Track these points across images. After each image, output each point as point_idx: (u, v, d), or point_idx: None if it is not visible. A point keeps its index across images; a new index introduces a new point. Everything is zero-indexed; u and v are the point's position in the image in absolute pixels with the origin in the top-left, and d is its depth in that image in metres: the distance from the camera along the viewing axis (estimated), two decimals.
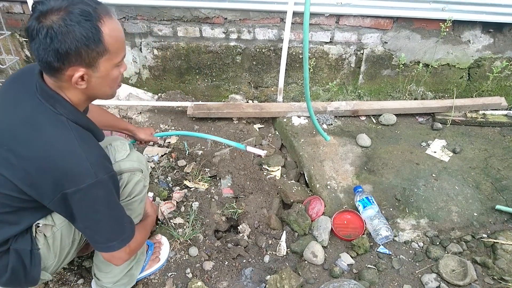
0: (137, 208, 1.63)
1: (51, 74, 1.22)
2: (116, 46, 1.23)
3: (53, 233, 1.41)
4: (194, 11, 2.82)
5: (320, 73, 3.12)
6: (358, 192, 2.19)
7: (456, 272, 1.85)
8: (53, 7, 1.12)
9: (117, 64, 1.29)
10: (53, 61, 1.15)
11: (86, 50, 1.16)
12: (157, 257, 1.91)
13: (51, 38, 1.11)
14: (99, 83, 1.28)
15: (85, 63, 1.19)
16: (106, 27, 1.18)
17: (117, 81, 1.35)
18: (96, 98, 1.38)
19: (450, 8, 2.71)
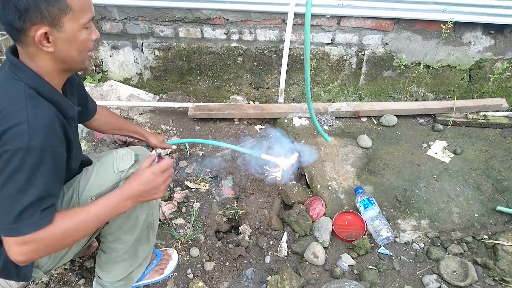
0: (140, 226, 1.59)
1: (17, 38, 1.18)
2: (79, 5, 1.19)
3: None
4: (195, 12, 2.83)
5: (321, 74, 3.12)
6: (359, 193, 2.19)
7: (457, 273, 1.85)
8: None
9: (85, 26, 1.23)
10: (14, 20, 1.12)
11: (45, 5, 1.12)
12: (162, 269, 1.88)
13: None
14: (66, 46, 1.22)
15: (47, 21, 1.14)
16: None
17: (86, 46, 1.28)
18: (68, 68, 1.32)
19: (451, 9, 2.72)
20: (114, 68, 3.17)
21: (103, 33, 3.00)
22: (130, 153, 1.48)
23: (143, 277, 1.81)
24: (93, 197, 1.40)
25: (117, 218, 1.48)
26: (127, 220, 1.55)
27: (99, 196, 1.37)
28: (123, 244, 1.59)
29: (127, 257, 1.64)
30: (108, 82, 3.16)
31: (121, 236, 1.57)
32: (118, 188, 1.34)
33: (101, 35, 3.00)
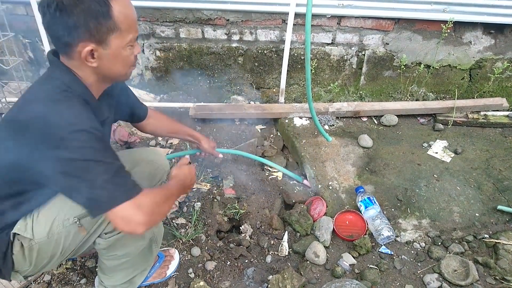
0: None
1: (63, 51, 1.24)
2: (126, 24, 1.23)
3: (30, 245, 1.36)
4: (196, 12, 2.84)
5: (322, 74, 3.13)
6: (360, 192, 2.20)
7: (458, 272, 1.86)
8: None
9: (129, 44, 1.28)
10: (62, 35, 1.17)
11: (95, 24, 1.17)
12: (164, 272, 1.88)
13: (60, 10, 1.13)
14: (110, 62, 1.27)
15: (95, 38, 1.19)
16: (116, 3, 1.19)
17: (128, 61, 1.33)
18: (110, 79, 1.38)
19: (451, 9, 2.72)
20: None
21: None
22: None
23: (146, 279, 1.81)
24: (76, 218, 1.35)
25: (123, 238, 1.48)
26: (130, 237, 1.52)
27: (82, 218, 1.35)
28: (124, 259, 1.58)
29: (129, 266, 1.63)
30: None
31: (119, 252, 1.55)
32: (175, 177, 1.50)
33: None
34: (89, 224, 1.39)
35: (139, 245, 1.56)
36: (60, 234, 1.36)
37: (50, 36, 1.20)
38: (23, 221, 1.35)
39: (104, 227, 1.43)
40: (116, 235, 1.45)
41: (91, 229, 1.41)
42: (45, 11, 1.15)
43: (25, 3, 2.86)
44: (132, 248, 1.55)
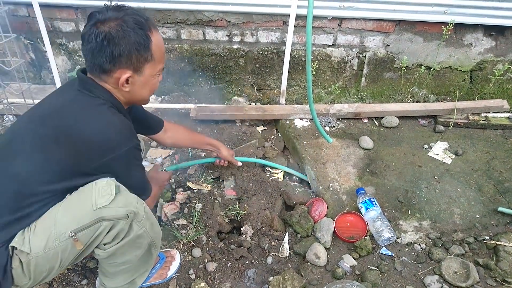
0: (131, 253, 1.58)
1: (99, 76, 1.38)
2: (159, 55, 1.41)
3: (28, 260, 1.36)
4: (197, 14, 2.84)
5: (323, 75, 3.13)
6: (361, 194, 2.20)
7: (458, 274, 1.86)
8: (111, 16, 1.29)
9: (158, 72, 1.47)
10: (105, 63, 1.31)
11: (136, 54, 1.33)
12: (165, 273, 1.88)
13: (108, 41, 1.27)
14: (140, 88, 1.46)
15: (133, 67, 1.35)
16: (154, 37, 1.36)
17: (155, 87, 1.53)
18: (134, 102, 1.56)
19: (452, 11, 2.73)
20: None
21: None
22: (110, 185, 1.39)
23: (147, 279, 1.81)
24: (71, 232, 1.34)
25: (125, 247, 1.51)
26: (129, 246, 1.53)
27: (78, 232, 1.35)
28: (124, 266, 1.59)
29: (128, 270, 1.63)
30: None
31: (119, 260, 1.55)
32: (154, 181, 1.82)
33: None
34: (85, 237, 1.38)
35: (138, 253, 1.57)
36: (57, 248, 1.36)
37: (91, 62, 1.34)
38: (21, 234, 1.36)
39: (101, 238, 1.42)
40: (115, 245, 1.46)
41: (88, 241, 1.40)
42: (91, 39, 1.28)
43: (27, 4, 2.87)
44: (132, 256, 1.55)
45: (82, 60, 3.15)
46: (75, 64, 3.18)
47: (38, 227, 1.36)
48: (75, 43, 3.08)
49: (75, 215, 1.35)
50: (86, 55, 1.34)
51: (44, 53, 3.11)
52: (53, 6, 2.88)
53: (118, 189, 1.40)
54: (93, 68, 1.35)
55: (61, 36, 3.05)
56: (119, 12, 1.30)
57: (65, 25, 3.00)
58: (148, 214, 1.51)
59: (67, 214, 1.36)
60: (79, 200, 1.38)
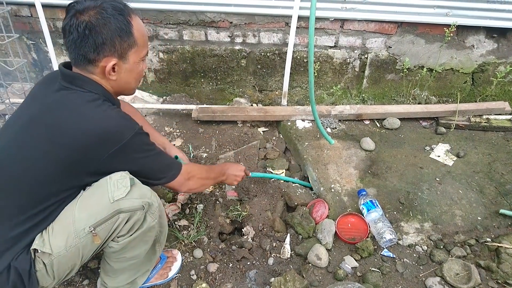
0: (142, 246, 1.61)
1: (84, 66, 1.36)
2: (142, 40, 1.41)
3: (51, 261, 1.39)
4: (200, 15, 2.85)
5: (325, 77, 3.14)
6: (362, 195, 2.20)
7: (460, 276, 1.86)
8: (89, 5, 1.28)
9: (142, 58, 1.46)
10: (89, 52, 1.31)
11: (119, 41, 1.33)
12: (166, 273, 1.89)
13: (89, 29, 1.27)
14: (127, 76, 1.44)
15: (118, 54, 1.35)
16: (134, 22, 1.36)
17: (141, 75, 1.51)
18: (121, 93, 1.54)
19: (454, 13, 2.73)
20: None
21: None
22: (125, 177, 1.41)
23: (148, 280, 1.82)
24: (91, 227, 1.36)
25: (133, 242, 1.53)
26: (140, 239, 1.56)
27: (97, 227, 1.37)
28: (132, 261, 1.61)
29: (133, 267, 1.65)
30: None
31: (128, 254, 1.58)
32: (222, 164, 2.13)
33: None
34: (104, 231, 1.41)
35: (146, 248, 1.60)
36: (78, 245, 1.39)
37: (75, 53, 1.32)
38: (40, 237, 1.38)
39: (118, 231, 1.45)
40: (128, 237, 1.49)
41: (106, 235, 1.43)
42: (72, 30, 1.27)
43: (29, 5, 2.88)
44: (141, 250, 1.59)
45: None
46: None
47: (56, 227, 1.38)
48: None
49: (92, 210, 1.37)
50: (69, 47, 1.33)
51: (46, 53, 3.11)
52: (55, 6, 2.89)
53: (133, 181, 1.43)
54: (78, 59, 1.34)
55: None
56: (96, 1, 1.29)
57: None
58: (160, 206, 1.55)
59: (85, 210, 1.37)
60: (95, 195, 1.39)
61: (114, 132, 1.32)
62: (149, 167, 1.49)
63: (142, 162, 1.45)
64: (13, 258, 1.35)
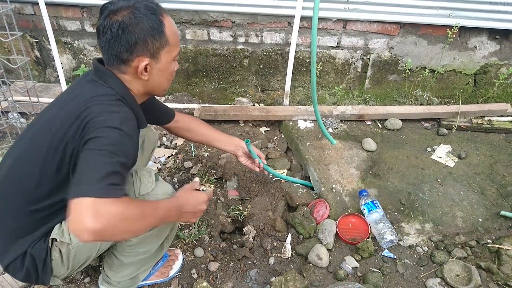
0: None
1: (117, 66, 1.36)
2: (174, 39, 1.39)
3: (68, 250, 1.42)
4: (202, 14, 2.85)
5: (327, 77, 3.14)
6: (363, 196, 2.20)
7: (460, 277, 1.86)
8: (122, 5, 1.29)
9: (174, 58, 1.44)
10: (122, 52, 1.31)
11: (152, 40, 1.32)
12: (167, 272, 1.90)
13: (122, 29, 1.27)
14: (159, 76, 1.43)
15: (150, 53, 1.34)
16: (166, 21, 1.35)
17: (172, 75, 1.50)
18: (152, 93, 1.52)
19: (457, 14, 2.73)
20: None
21: None
22: (149, 173, 1.49)
23: (148, 276, 1.83)
24: None
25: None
26: (155, 235, 1.59)
27: None
28: (143, 255, 1.64)
29: (140, 262, 1.68)
30: None
31: (141, 249, 1.61)
32: (172, 199, 1.45)
33: None
34: None
35: (159, 243, 1.65)
36: None
37: (108, 53, 1.33)
38: (59, 227, 1.40)
39: None
40: (147, 232, 1.50)
41: None
42: (106, 30, 1.28)
43: (33, 3, 2.90)
44: (154, 245, 1.63)
45: (87, 59, 3.17)
46: (80, 63, 3.19)
47: None
48: (80, 42, 3.09)
49: None
50: (102, 47, 1.34)
51: (49, 51, 3.12)
52: (59, 5, 2.90)
53: (157, 177, 1.48)
54: (111, 60, 1.35)
55: (66, 34, 3.07)
56: (129, 1, 1.30)
57: (71, 24, 3.01)
58: None
59: None
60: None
61: (106, 118, 1.23)
62: (84, 165, 1.17)
63: (89, 153, 1.19)
64: (30, 245, 1.38)
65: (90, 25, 3.00)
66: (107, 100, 1.30)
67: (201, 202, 1.50)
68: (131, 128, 1.29)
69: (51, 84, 3.26)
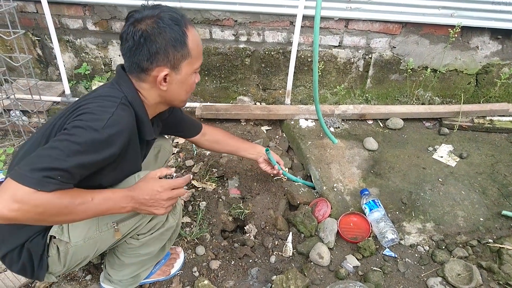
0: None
1: (136, 74, 1.36)
2: (196, 51, 1.38)
3: (66, 249, 1.41)
4: (205, 13, 2.85)
5: (328, 76, 3.14)
6: (365, 195, 2.20)
7: (461, 276, 1.86)
8: (147, 14, 1.29)
9: (195, 70, 1.43)
10: (142, 61, 1.30)
11: (173, 51, 1.31)
12: (168, 270, 1.91)
13: (145, 38, 1.27)
14: (178, 87, 1.41)
15: (170, 64, 1.33)
16: (190, 33, 1.34)
17: (192, 87, 1.47)
18: (170, 104, 1.51)
19: (459, 14, 2.73)
20: None
21: (113, 33, 3.04)
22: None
23: (150, 274, 1.83)
24: (114, 223, 1.40)
25: (150, 240, 1.55)
26: (157, 238, 1.60)
27: (120, 223, 1.41)
28: (145, 257, 1.65)
29: (142, 262, 1.69)
30: None
31: (143, 251, 1.62)
32: (126, 188, 1.33)
33: (111, 34, 3.04)
34: (125, 228, 1.45)
35: (161, 245, 1.66)
36: (97, 238, 1.42)
37: (129, 61, 1.33)
38: (58, 225, 1.39)
39: (139, 229, 1.50)
40: (149, 235, 1.53)
41: (127, 231, 1.47)
42: (129, 38, 1.28)
43: (35, 1, 2.90)
44: (156, 247, 1.64)
45: (89, 57, 3.17)
46: (82, 61, 3.19)
47: None
48: (82, 40, 3.10)
49: None
50: (124, 54, 1.34)
51: (51, 49, 3.13)
52: (61, 3, 2.90)
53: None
54: (132, 67, 1.35)
55: (68, 33, 3.07)
56: (155, 10, 1.30)
57: (73, 22, 3.01)
58: (181, 207, 1.57)
59: None
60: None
61: (92, 115, 1.22)
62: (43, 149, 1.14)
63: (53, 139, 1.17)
64: (28, 239, 1.38)
65: (92, 24, 3.00)
66: (109, 101, 1.28)
67: (159, 191, 1.33)
68: (115, 133, 1.21)
69: (53, 82, 3.26)
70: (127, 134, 1.28)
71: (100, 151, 1.19)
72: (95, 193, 1.22)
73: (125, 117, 1.28)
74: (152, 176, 1.37)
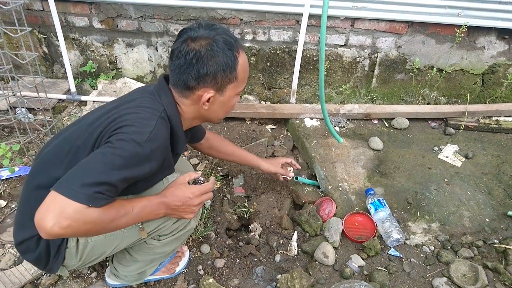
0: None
1: (181, 92, 1.37)
2: (243, 76, 1.39)
3: (86, 242, 1.42)
4: (210, 11, 2.85)
5: (334, 75, 3.13)
6: (370, 194, 2.20)
7: (467, 277, 1.86)
8: (202, 35, 1.28)
9: (238, 93, 1.43)
10: (190, 80, 1.31)
11: (222, 75, 1.31)
12: (173, 268, 1.91)
13: (197, 59, 1.27)
14: (219, 107, 1.43)
15: (217, 86, 1.34)
16: (241, 58, 1.34)
17: (231, 109, 1.49)
18: (207, 120, 1.52)
19: (466, 13, 2.72)
20: (128, 65, 3.21)
21: (119, 31, 3.04)
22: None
23: (155, 271, 1.84)
24: (141, 226, 1.43)
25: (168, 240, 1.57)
26: (176, 238, 1.61)
27: (146, 222, 1.43)
28: (158, 255, 1.67)
29: (151, 260, 1.70)
30: (122, 79, 3.20)
31: (159, 250, 1.64)
32: (159, 194, 1.37)
33: (116, 32, 3.05)
34: (150, 228, 1.46)
35: (178, 245, 1.68)
36: (118, 235, 1.43)
37: (177, 77, 1.34)
38: None
39: (162, 231, 1.52)
40: (170, 237, 1.56)
41: (151, 231, 1.48)
42: (181, 56, 1.29)
43: None
44: (172, 247, 1.66)
45: (94, 55, 3.18)
46: (87, 59, 3.20)
47: None
48: (88, 38, 3.10)
49: None
50: (173, 70, 1.34)
51: (57, 47, 3.14)
52: (67, 1, 2.91)
53: None
54: (177, 83, 1.35)
55: (74, 30, 3.08)
56: (210, 31, 1.29)
57: (79, 20, 3.02)
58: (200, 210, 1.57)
59: None
60: (152, 194, 1.40)
61: (133, 128, 1.22)
62: (87, 159, 1.17)
63: (97, 152, 1.19)
64: None
65: (98, 22, 3.01)
66: (149, 113, 1.29)
67: (190, 197, 1.38)
68: (155, 148, 1.24)
69: (58, 80, 3.27)
70: (164, 149, 1.34)
71: (141, 165, 1.23)
72: (134, 202, 1.26)
73: (164, 132, 1.31)
74: (182, 181, 1.41)
